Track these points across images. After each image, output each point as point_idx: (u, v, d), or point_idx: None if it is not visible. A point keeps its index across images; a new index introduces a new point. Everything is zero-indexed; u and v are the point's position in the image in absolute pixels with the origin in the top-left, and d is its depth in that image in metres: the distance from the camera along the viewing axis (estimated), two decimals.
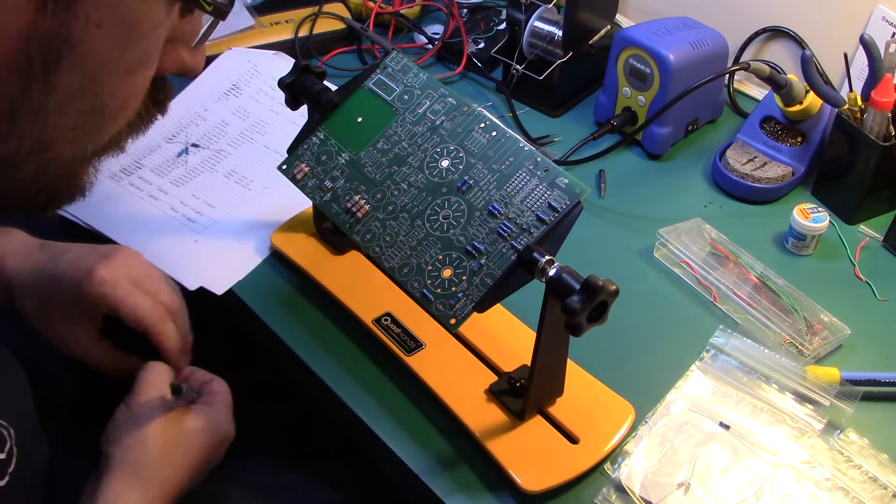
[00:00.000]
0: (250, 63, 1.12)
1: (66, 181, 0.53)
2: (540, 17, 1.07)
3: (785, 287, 0.85)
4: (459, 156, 0.72)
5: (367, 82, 0.79)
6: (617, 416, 0.73)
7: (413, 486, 0.71)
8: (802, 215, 0.90)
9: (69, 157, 0.50)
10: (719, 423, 0.73)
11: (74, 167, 0.52)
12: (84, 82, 0.46)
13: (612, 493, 0.69)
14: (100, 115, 0.48)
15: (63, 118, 0.47)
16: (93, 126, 0.49)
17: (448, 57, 1.18)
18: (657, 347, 0.82)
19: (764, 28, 1.12)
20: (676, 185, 1.02)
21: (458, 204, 0.70)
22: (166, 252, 0.87)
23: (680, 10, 1.12)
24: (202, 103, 1.07)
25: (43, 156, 0.48)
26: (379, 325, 0.80)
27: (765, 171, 0.98)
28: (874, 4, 1.02)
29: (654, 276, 0.89)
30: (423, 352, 0.77)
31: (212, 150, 1.01)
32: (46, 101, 0.45)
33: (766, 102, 1.02)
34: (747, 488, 0.69)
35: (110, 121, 0.50)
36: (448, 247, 0.69)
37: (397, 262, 0.70)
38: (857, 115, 0.92)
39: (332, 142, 0.79)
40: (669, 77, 0.98)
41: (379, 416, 0.75)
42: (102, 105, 0.48)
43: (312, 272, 0.85)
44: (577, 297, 0.59)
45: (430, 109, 0.75)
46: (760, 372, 0.78)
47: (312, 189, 0.78)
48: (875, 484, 0.69)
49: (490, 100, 1.13)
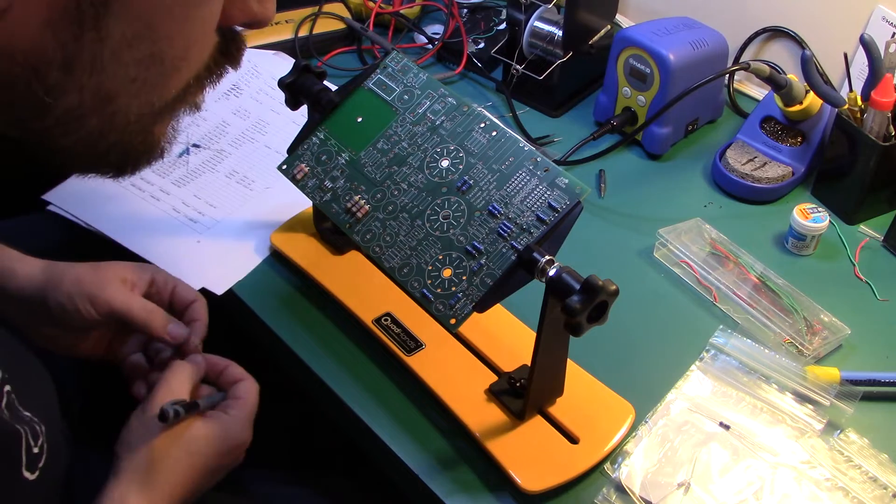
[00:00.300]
0: (250, 63, 1.12)
1: (140, 138, 0.50)
2: (540, 17, 1.07)
3: (785, 287, 0.85)
4: (459, 156, 0.72)
5: (367, 82, 0.79)
6: (617, 416, 0.73)
7: (413, 486, 0.71)
8: (802, 215, 0.90)
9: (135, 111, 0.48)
10: (719, 423, 0.73)
11: (145, 124, 0.50)
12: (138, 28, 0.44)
13: (612, 493, 0.69)
14: (160, 64, 0.46)
15: (121, 68, 0.45)
16: (155, 77, 0.47)
17: (448, 57, 1.18)
18: (657, 347, 0.82)
19: (764, 28, 1.12)
20: (676, 185, 1.02)
21: (458, 204, 0.70)
22: (169, 253, 0.87)
23: (680, 10, 1.12)
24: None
25: (106, 109, 0.46)
26: (379, 325, 0.80)
27: (765, 171, 0.98)
28: (874, 4, 1.02)
29: (654, 276, 0.89)
30: (423, 352, 0.77)
31: (213, 150, 1.01)
32: (101, 49, 0.43)
33: (766, 102, 1.02)
34: (747, 488, 0.69)
35: (173, 71, 0.48)
36: (448, 247, 0.69)
37: (397, 262, 0.70)
38: (857, 115, 0.92)
39: (332, 142, 0.79)
40: (669, 77, 0.98)
41: (379, 416, 0.75)
42: (161, 53, 0.46)
43: (312, 272, 0.85)
44: (577, 297, 0.59)
45: (430, 109, 0.75)
46: (760, 372, 0.78)
47: (312, 189, 0.78)
48: (875, 484, 0.69)
49: (490, 100, 1.13)
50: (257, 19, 0.50)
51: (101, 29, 0.43)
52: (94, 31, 0.42)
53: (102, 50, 0.43)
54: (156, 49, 0.45)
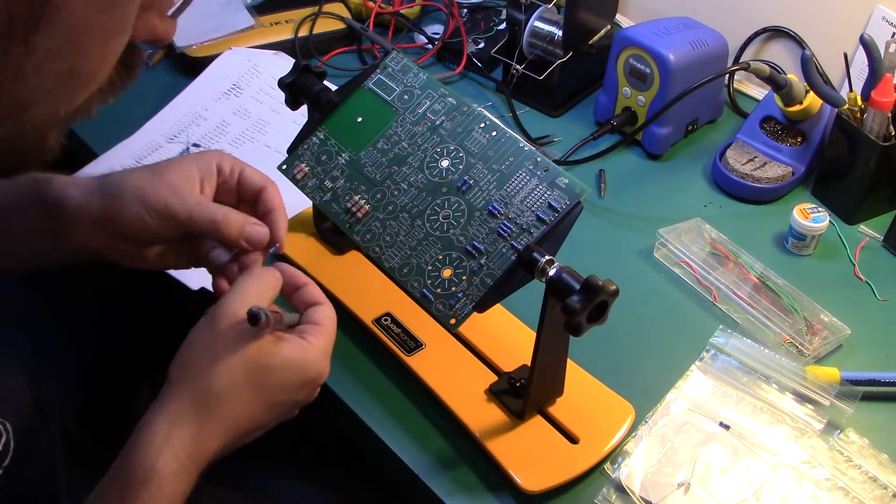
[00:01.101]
0: (250, 63, 1.12)
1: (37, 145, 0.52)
2: (540, 17, 1.07)
3: (785, 287, 0.85)
4: (459, 156, 0.72)
5: (367, 82, 0.79)
6: (617, 416, 0.73)
7: (413, 486, 0.71)
8: (802, 215, 0.90)
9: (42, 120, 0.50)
10: (719, 423, 0.73)
11: (45, 130, 0.52)
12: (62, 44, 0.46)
13: (612, 493, 0.69)
14: (76, 78, 0.49)
15: (41, 80, 0.47)
16: (68, 89, 0.49)
17: (448, 57, 1.18)
18: (657, 347, 0.82)
19: (764, 28, 1.12)
20: (676, 185, 1.02)
21: (458, 204, 0.70)
22: None
23: (680, 10, 1.12)
24: (203, 103, 1.07)
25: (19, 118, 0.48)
26: (379, 325, 0.80)
27: (765, 171, 0.98)
28: (874, 4, 1.02)
29: (654, 276, 0.89)
30: (423, 352, 0.77)
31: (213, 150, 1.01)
32: (26, 62, 0.46)
33: (766, 102, 1.02)
34: (747, 488, 0.69)
35: (85, 84, 0.50)
36: (448, 247, 0.69)
37: (397, 262, 0.70)
38: (857, 115, 0.92)
39: (332, 142, 0.79)
40: (669, 77, 0.98)
41: (379, 416, 0.75)
42: (79, 69, 0.48)
43: (312, 272, 0.85)
44: (577, 297, 0.59)
45: (430, 109, 0.75)
46: (760, 372, 0.78)
47: (312, 189, 0.78)
48: (875, 484, 0.69)
49: (490, 100, 1.13)
50: (159, 37, 0.53)
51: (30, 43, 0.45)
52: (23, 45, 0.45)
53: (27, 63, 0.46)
54: (75, 65, 0.48)
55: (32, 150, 0.53)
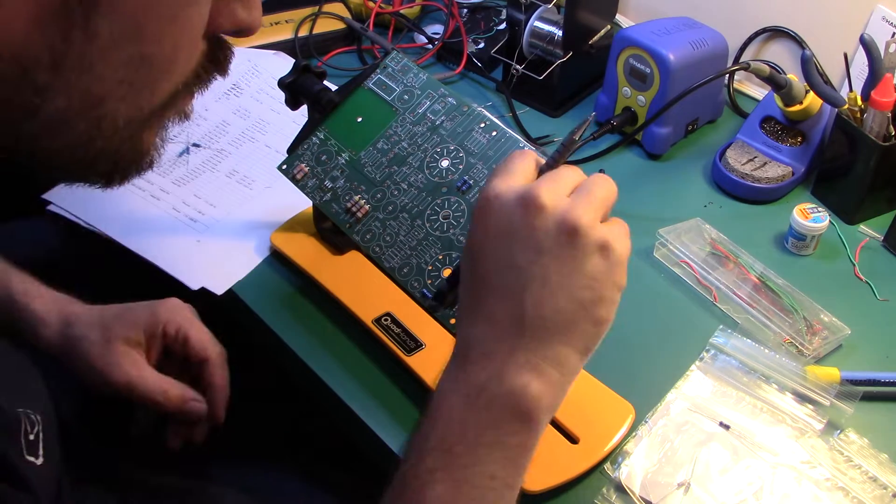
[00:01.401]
0: (250, 63, 1.12)
1: (128, 145, 0.50)
2: (540, 17, 1.07)
3: (785, 287, 0.85)
4: (459, 156, 0.72)
5: (367, 82, 0.79)
6: (617, 416, 0.73)
7: None
8: (802, 215, 0.90)
9: (123, 116, 0.47)
10: (719, 423, 0.74)
11: (133, 130, 0.49)
12: (126, 27, 0.43)
13: (612, 493, 0.69)
14: (149, 66, 0.46)
15: (109, 69, 0.44)
16: (143, 79, 0.46)
17: (448, 57, 1.18)
18: (657, 347, 0.82)
19: (764, 28, 1.12)
20: (676, 185, 1.02)
21: (458, 204, 0.70)
22: (169, 252, 0.87)
23: (680, 10, 1.12)
24: (203, 103, 1.07)
25: (94, 113, 0.46)
26: (379, 325, 0.80)
27: (765, 171, 0.98)
28: (874, 4, 1.02)
29: (654, 276, 0.89)
30: (423, 352, 0.77)
31: (213, 149, 1.01)
32: (89, 49, 0.43)
33: (766, 102, 1.02)
34: (747, 488, 0.69)
35: (161, 73, 0.47)
36: (448, 247, 0.69)
37: (397, 262, 0.70)
38: (857, 115, 0.92)
39: (332, 142, 0.79)
40: (669, 77, 0.98)
41: (379, 416, 0.75)
42: (150, 55, 0.46)
43: (312, 272, 0.85)
44: None
45: (430, 109, 0.75)
46: (760, 372, 0.78)
47: (312, 189, 0.78)
48: (875, 484, 0.70)
49: (490, 100, 1.13)
50: (244, 27, 0.50)
51: (90, 27, 0.42)
52: (83, 30, 0.42)
53: (91, 49, 0.43)
54: (144, 50, 0.45)
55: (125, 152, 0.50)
